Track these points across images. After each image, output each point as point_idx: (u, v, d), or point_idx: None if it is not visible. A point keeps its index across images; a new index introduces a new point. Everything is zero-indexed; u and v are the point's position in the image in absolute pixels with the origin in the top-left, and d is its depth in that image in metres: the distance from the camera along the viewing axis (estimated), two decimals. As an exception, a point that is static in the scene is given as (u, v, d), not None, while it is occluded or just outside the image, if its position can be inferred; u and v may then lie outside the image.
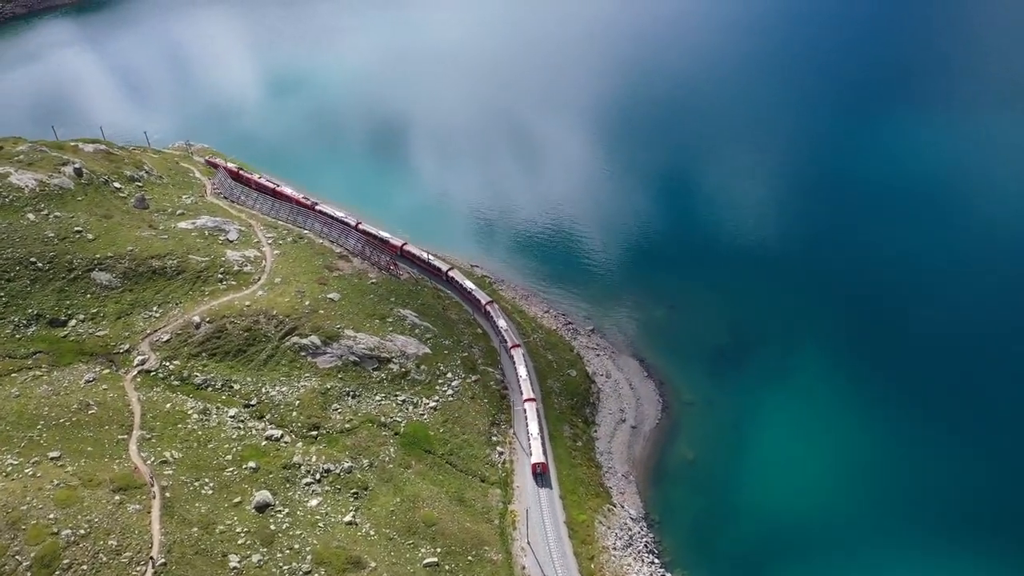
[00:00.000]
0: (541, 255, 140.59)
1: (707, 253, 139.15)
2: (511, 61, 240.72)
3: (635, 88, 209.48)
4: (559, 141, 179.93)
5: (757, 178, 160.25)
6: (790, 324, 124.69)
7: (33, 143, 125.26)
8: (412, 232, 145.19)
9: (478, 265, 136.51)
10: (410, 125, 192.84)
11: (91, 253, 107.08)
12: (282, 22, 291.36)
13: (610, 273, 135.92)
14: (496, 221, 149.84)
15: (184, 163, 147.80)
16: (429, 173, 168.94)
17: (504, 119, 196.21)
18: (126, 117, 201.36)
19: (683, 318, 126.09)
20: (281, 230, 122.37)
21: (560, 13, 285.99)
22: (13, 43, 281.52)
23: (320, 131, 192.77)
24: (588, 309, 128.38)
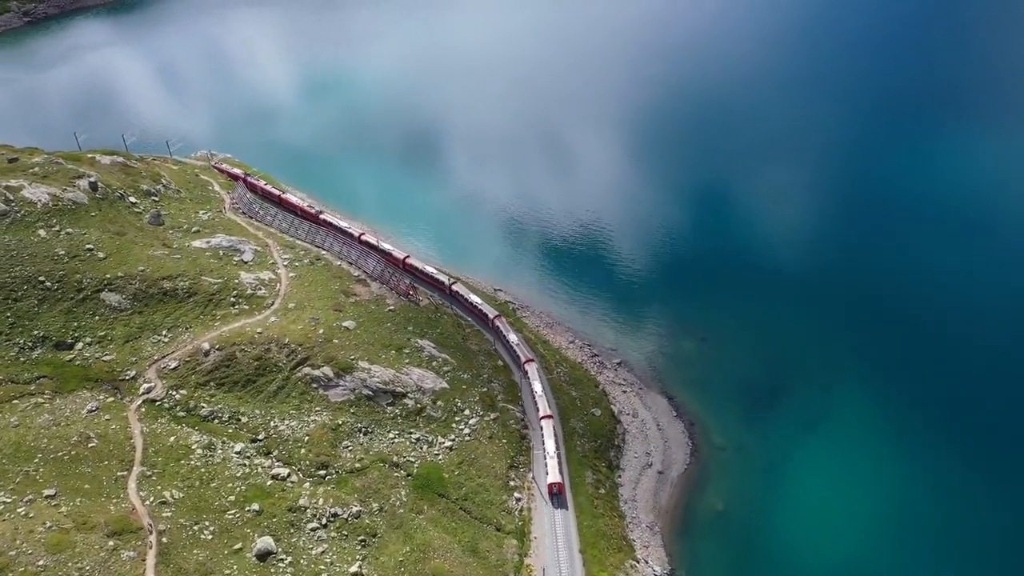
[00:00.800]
0: (567, 279, 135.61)
1: (741, 280, 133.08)
2: (543, 68, 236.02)
3: (667, 100, 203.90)
4: (588, 155, 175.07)
5: (795, 198, 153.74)
6: (829, 360, 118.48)
7: (49, 154, 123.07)
8: (436, 252, 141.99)
9: (501, 289, 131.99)
10: (440, 135, 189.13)
11: (101, 273, 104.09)
12: (313, 26, 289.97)
13: (639, 300, 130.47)
14: (522, 242, 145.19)
15: (204, 175, 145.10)
16: (456, 188, 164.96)
17: (533, 130, 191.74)
18: (151, 122, 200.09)
19: (715, 351, 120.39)
20: (298, 251, 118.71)
21: (594, 17, 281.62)
22: (45, 43, 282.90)
23: (346, 140, 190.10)
24: (615, 339, 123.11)
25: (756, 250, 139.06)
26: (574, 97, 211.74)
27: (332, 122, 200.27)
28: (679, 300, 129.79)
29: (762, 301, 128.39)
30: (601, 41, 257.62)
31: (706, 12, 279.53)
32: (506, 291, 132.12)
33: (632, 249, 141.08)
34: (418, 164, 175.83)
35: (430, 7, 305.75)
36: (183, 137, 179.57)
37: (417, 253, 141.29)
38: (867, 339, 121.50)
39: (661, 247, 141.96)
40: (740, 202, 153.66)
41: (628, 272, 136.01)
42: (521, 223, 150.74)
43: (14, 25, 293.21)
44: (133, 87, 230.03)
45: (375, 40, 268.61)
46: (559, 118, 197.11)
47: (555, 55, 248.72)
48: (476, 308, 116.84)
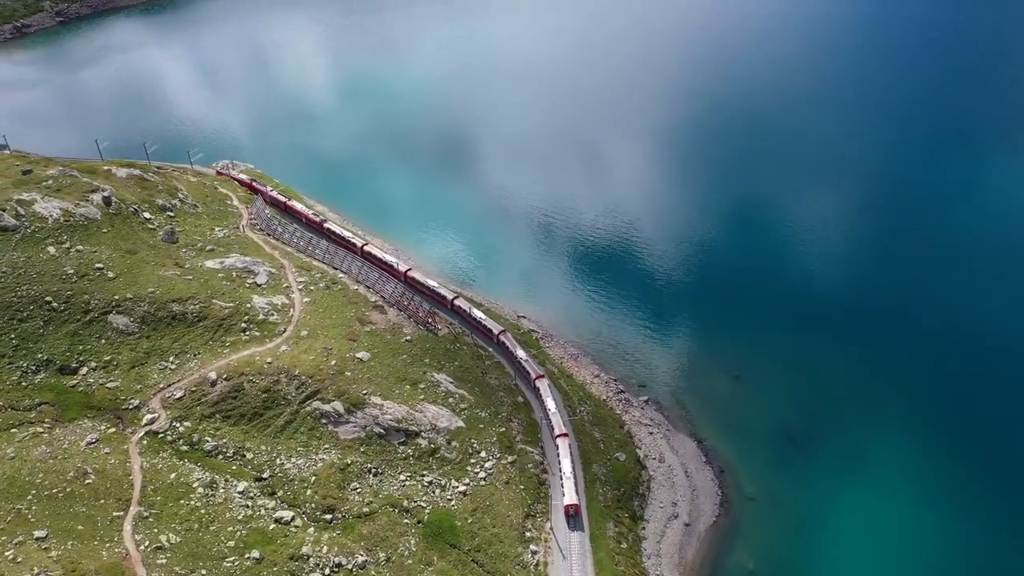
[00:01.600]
0: (595, 306, 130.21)
1: (778, 314, 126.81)
2: (577, 74, 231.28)
3: (704, 111, 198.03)
4: (621, 172, 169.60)
5: (837, 226, 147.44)
6: (870, 404, 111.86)
7: (65, 166, 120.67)
8: (459, 273, 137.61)
9: (525, 316, 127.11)
10: (470, 145, 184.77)
11: (110, 294, 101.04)
12: (346, 30, 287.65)
13: (670, 331, 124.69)
14: (549, 264, 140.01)
15: (224, 187, 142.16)
16: (483, 204, 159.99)
17: (565, 142, 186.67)
18: (175, 129, 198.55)
19: (749, 391, 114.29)
20: (314, 273, 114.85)
21: (633, 21, 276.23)
22: (76, 44, 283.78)
23: (373, 149, 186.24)
24: (644, 374, 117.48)
25: (794, 282, 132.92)
26: (608, 107, 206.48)
27: (360, 130, 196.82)
28: (712, 333, 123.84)
29: (799, 337, 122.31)
30: (638, 46, 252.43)
31: (753, 13, 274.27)
32: (530, 318, 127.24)
33: (664, 276, 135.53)
34: (446, 176, 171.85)
35: (465, 11, 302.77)
36: (206, 145, 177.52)
37: (442, 273, 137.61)
38: (911, 381, 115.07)
39: (695, 275, 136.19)
40: (779, 228, 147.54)
41: (659, 301, 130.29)
42: (549, 242, 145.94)
43: (47, 25, 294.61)
44: (159, 91, 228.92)
45: (407, 45, 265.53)
46: (592, 129, 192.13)
47: (590, 60, 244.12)
48: (480, 324, 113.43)
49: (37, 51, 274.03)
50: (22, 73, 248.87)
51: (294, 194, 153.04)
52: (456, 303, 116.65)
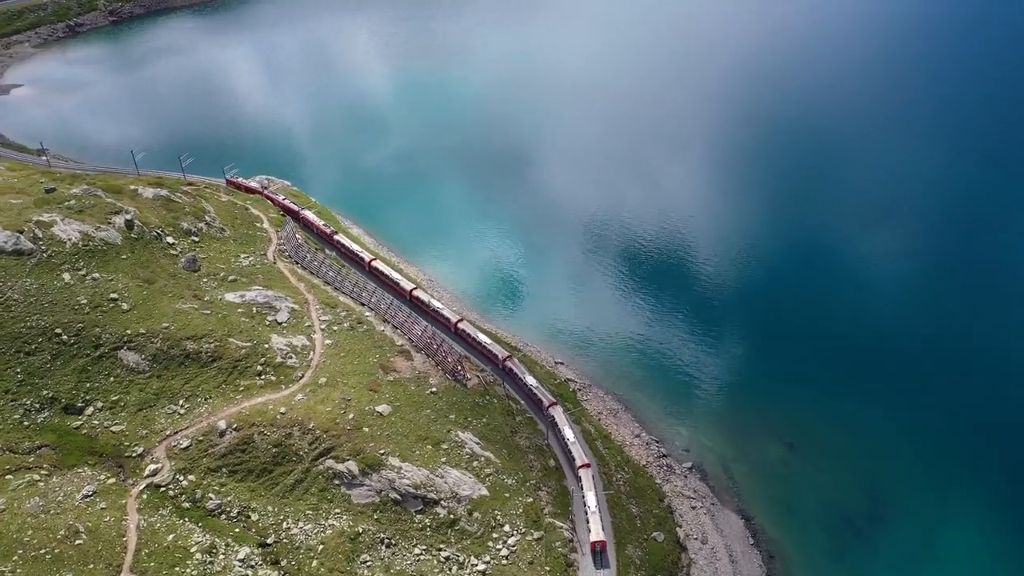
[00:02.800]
0: (638, 355, 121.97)
1: (840, 374, 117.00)
2: (629, 89, 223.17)
3: (766, 134, 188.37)
4: (671, 203, 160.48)
5: (915, 272, 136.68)
6: (945, 485, 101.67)
7: (91, 184, 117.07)
8: (495, 312, 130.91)
9: (563, 362, 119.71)
10: (515, 166, 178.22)
11: (122, 327, 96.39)
12: (395, 39, 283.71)
13: (718, 387, 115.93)
14: (591, 306, 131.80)
15: (255, 207, 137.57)
16: (524, 235, 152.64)
17: (613, 165, 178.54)
18: (213, 138, 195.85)
19: (804, 462, 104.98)
20: (339, 311, 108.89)
21: (693, 32, 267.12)
22: (126, 45, 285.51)
23: (415, 167, 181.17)
24: (688, 436, 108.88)
25: (860, 336, 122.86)
26: (662, 125, 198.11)
27: (403, 146, 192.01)
28: (765, 391, 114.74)
29: (864, 401, 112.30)
30: (698, 56, 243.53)
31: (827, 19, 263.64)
32: (568, 364, 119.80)
33: (714, 324, 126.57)
34: (488, 198, 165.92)
35: (516, 20, 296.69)
36: (244, 158, 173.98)
37: (476, 309, 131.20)
38: (995, 459, 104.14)
39: (748, 323, 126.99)
40: (845, 272, 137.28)
41: (708, 351, 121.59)
42: (592, 281, 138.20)
43: (100, 24, 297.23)
44: (202, 97, 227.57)
45: (457, 54, 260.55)
46: (644, 150, 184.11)
47: (646, 71, 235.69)
48: (484, 349, 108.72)
49: (87, 51, 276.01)
50: (71, 73, 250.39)
51: (330, 217, 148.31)
52: (460, 326, 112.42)
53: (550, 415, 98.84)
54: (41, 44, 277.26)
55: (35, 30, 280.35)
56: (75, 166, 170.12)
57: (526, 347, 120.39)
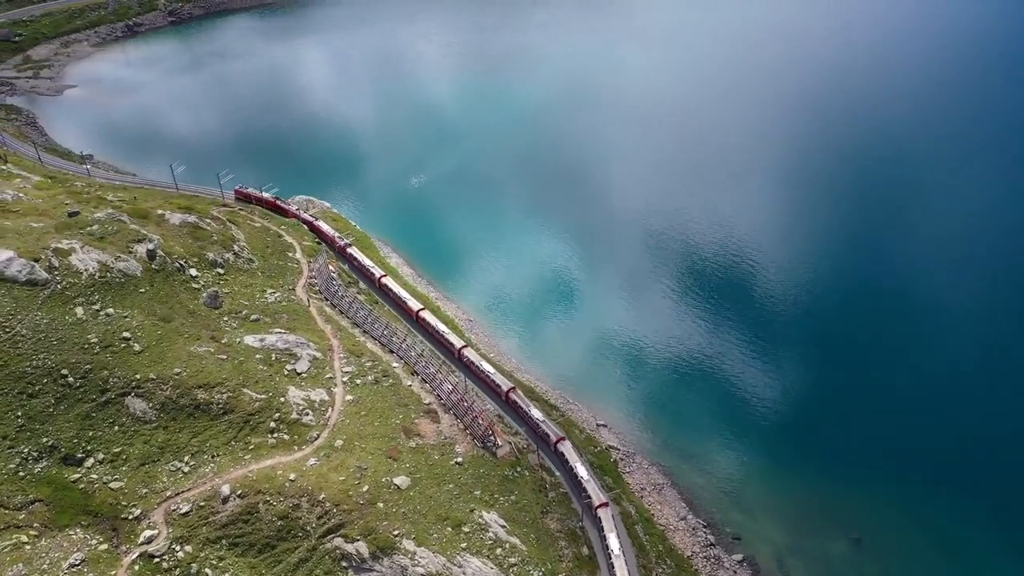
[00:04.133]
0: (688, 421, 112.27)
1: (921, 461, 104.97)
2: (704, 106, 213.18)
3: (851, 167, 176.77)
4: (742, 241, 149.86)
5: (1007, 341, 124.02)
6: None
7: (115, 208, 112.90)
8: (539, 362, 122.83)
9: (605, 424, 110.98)
10: (575, 190, 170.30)
11: (132, 371, 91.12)
12: (453, 48, 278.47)
13: (778, 467, 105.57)
14: (642, 364, 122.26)
15: (290, 235, 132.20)
16: (576, 271, 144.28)
17: (685, 193, 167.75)
18: (259, 148, 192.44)
19: (873, 561, 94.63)
20: (364, 361, 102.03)
21: (767, 48, 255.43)
22: (183, 46, 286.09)
23: (463, 188, 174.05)
24: (740, 522, 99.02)
25: (946, 416, 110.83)
26: (733, 155, 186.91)
27: (455, 164, 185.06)
28: (832, 475, 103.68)
29: (946, 494, 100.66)
30: (774, 73, 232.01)
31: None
32: (611, 427, 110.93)
33: (775, 394, 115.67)
34: (543, 230, 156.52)
35: (580, 31, 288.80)
36: (286, 174, 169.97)
37: (514, 355, 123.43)
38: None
39: (817, 394, 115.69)
40: (941, 335, 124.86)
41: (768, 425, 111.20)
42: (646, 333, 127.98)
43: (159, 24, 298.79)
44: (250, 107, 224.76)
45: (517, 67, 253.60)
46: (709, 181, 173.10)
47: (717, 86, 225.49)
48: (488, 378, 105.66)
49: (143, 52, 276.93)
50: (124, 76, 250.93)
51: (368, 245, 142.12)
52: (464, 353, 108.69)
53: (587, 497, 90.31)
54: (99, 43, 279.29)
55: (95, 29, 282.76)
56: (114, 176, 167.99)
57: (566, 405, 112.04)
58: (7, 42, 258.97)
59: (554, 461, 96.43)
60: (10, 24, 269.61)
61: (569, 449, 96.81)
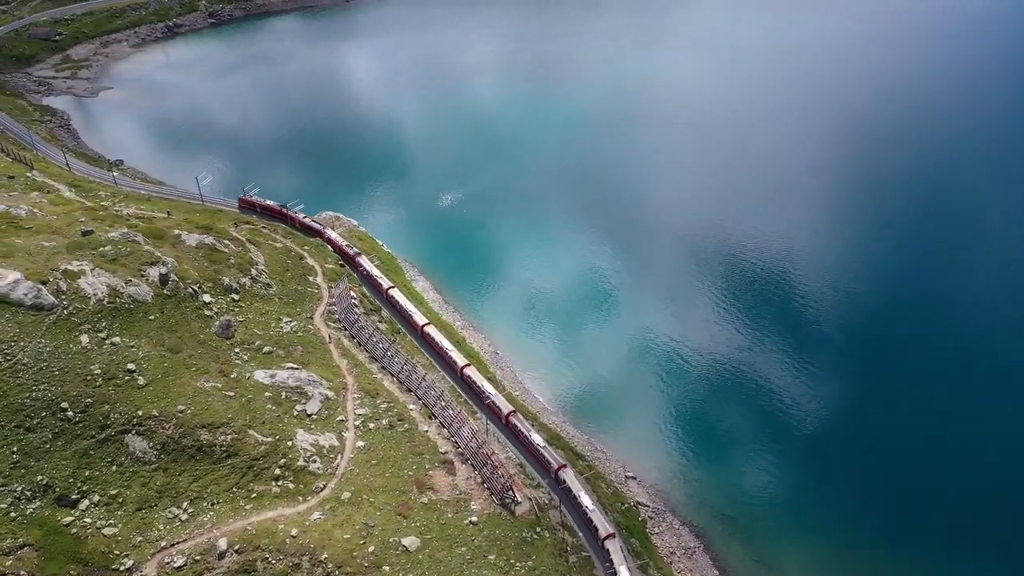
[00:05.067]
0: (730, 475, 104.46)
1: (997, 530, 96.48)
2: (764, 127, 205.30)
3: (916, 192, 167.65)
4: (790, 271, 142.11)
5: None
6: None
7: (131, 228, 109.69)
8: (563, 399, 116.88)
9: (635, 477, 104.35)
10: (620, 211, 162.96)
11: (134, 407, 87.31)
12: (494, 56, 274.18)
13: (823, 535, 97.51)
14: (681, 407, 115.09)
15: (312, 256, 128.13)
16: (614, 299, 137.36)
17: (731, 222, 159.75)
18: (290, 161, 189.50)
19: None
20: (380, 402, 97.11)
21: (834, 68, 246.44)
22: (221, 49, 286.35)
23: (500, 206, 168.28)
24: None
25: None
26: (798, 173, 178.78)
27: (492, 180, 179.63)
28: (892, 550, 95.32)
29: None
30: (839, 93, 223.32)
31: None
32: (641, 480, 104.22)
33: (834, 459, 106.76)
34: (583, 255, 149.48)
35: (644, 41, 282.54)
36: (315, 187, 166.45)
37: (542, 392, 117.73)
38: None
39: (880, 461, 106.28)
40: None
41: (814, 487, 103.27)
42: (685, 376, 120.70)
43: (199, 26, 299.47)
44: (284, 114, 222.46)
45: (568, 76, 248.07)
46: (773, 215, 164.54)
47: (777, 106, 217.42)
48: (488, 400, 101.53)
49: (182, 54, 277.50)
50: (161, 78, 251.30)
51: (394, 268, 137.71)
52: (466, 372, 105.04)
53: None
54: (139, 44, 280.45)
55: (135, 29, 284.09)
56: (140, 185, 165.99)
57: (594, 453, 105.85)
58: (47, 41, 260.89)
59: (576, 519, 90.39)
60: (52, 23, 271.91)
61: (571, 477, 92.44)
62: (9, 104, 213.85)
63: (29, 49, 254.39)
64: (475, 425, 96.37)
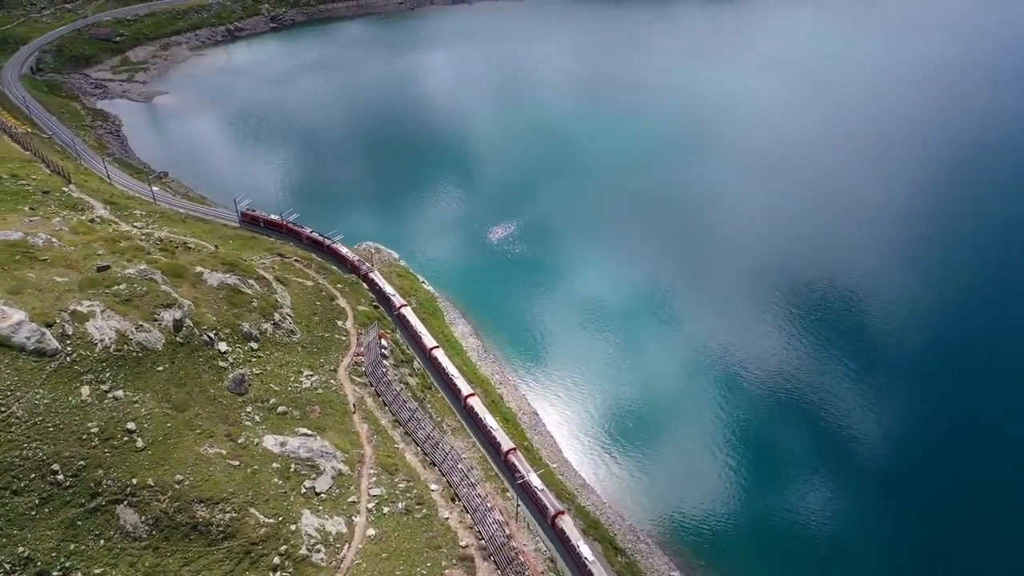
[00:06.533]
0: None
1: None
2: (851, 157, 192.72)
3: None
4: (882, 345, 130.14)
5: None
6: None
7: (148, 265, 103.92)
8: (610, 479, 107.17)
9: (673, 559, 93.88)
10: (696, 257, 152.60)
11: (129, 473, 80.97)
12: (561, 73, 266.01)
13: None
14: (744, 493, 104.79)
15: (344, 298, 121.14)
16: (684, 372, 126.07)
17: (815, 274, 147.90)
18: (335, 182, 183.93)
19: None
20: (398, 480, 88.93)
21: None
22: (281, 54, 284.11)
23: (557, 244, 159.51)
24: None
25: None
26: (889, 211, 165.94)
27: (549, 212, 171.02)
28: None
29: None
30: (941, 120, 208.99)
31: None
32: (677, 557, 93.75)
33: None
34: (649, 306, 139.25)
35: (737, 52, 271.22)
36: (359, 215, 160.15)
37: (583, 470, 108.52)
38: None
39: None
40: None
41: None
42: (749, 465, 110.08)
43: (259, 30, 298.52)
44: (335, 128, 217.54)
45: (651, 91, 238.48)
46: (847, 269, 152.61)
47: (864, 131, 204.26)
48: (490, 434, 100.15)
49: (241, 59, 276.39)
50: (217, 84, 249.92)
51: (433, 310, 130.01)
52: (469, 401, 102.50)
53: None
54: (198, 47, 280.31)
55: (195, 31, 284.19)
56: (180, 202, 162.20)
57: (635, 544, 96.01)
58: (108, 42, 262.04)
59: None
60: (114, 23, 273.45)
61: (570, 525, 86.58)
62: (62, 107, 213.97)
63: (89, 50, 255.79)
64: (502, 509, 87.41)
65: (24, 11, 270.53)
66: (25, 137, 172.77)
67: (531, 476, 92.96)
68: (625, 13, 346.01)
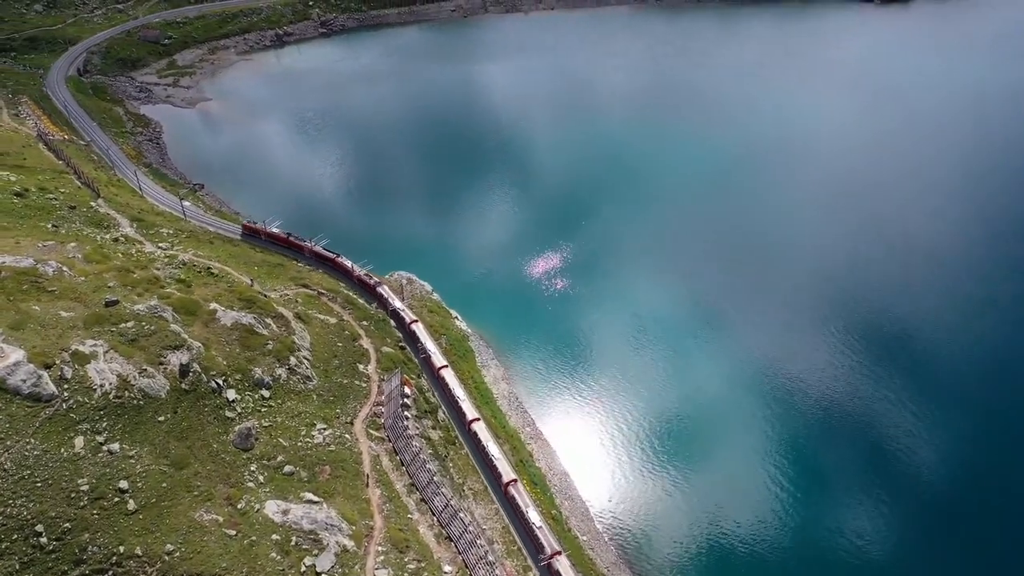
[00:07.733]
0: None
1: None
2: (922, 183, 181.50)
3: None
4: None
5: None
6: None
7: (159, 301, 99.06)
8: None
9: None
10: (759, 291, 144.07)
11: (117, 540, 75.64)
12: (636, 80, 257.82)
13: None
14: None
15: (368, 339, 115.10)
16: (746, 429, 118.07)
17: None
18: (378, 205, 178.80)
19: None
20: (407, 561, 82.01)
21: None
22: (330, 61, 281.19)
23: (602, 277, 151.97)
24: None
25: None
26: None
27: (616, 232, 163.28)
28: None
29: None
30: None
31: None
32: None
33: None
34: (697, 370, 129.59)
35: (827, 71, 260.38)
36: (391, 243, 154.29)
37: (615, 542, 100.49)
38: None
39: None
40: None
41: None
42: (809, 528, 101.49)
43: (308, 35, 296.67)
44: (383, 142, 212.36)
45: (722, 108, 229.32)
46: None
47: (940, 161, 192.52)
48: (492, 463, 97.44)
49: (289, 65, 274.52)
50: (263, 92, 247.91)
51: (464, 352, 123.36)
52: (473, 426, 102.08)
53: None
54: (245, 51, 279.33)
55: (244, 35, 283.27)
56: (211, 219, 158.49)
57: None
58: (156, 44, 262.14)
59: None
60: (163, 25, 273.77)
61: (566, 566, 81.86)
62: (104, 112, 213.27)
63: (136, 52, 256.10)
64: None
65: (75, 11, 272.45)
66: (60, 145, 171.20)
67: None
68: (688, 24, 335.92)
